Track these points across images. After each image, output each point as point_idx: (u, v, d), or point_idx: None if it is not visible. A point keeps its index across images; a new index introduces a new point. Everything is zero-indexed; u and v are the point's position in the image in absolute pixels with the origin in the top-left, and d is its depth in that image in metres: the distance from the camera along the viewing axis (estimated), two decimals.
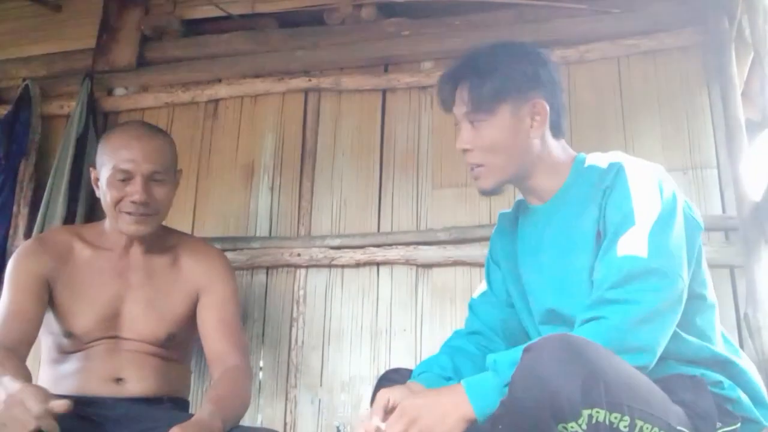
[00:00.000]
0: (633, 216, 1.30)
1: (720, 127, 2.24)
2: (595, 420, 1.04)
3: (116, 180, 1.75)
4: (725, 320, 1.92)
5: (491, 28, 2.53)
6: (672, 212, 1.32)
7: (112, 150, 1.78)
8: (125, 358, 1.78)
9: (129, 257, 1.85)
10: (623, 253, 1.27)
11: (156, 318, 1.82)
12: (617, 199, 1.34)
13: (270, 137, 2.68)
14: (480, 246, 2.28)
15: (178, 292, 1.86)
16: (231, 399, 1.65)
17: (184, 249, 1.93)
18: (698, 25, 2.34)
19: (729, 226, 2.14)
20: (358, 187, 2.55)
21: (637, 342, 1.20)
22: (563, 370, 1.05)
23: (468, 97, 1.45)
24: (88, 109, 2.70)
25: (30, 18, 3.01)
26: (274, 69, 2.72)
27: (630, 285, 1.24)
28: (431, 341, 2.29)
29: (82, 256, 1.83)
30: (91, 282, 1.80)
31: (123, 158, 1.75)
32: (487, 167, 1.45)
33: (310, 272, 2.48)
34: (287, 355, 2.42)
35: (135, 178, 1.75)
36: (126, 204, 1.75)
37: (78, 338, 1.76)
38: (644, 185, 1.34)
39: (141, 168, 1.75)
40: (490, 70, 1.43)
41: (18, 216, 2.62)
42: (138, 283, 1.83)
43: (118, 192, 1.75)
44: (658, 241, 1.27)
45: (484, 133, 1.44)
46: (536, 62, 1.46)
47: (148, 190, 1.76)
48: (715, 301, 1.42)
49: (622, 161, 1.39)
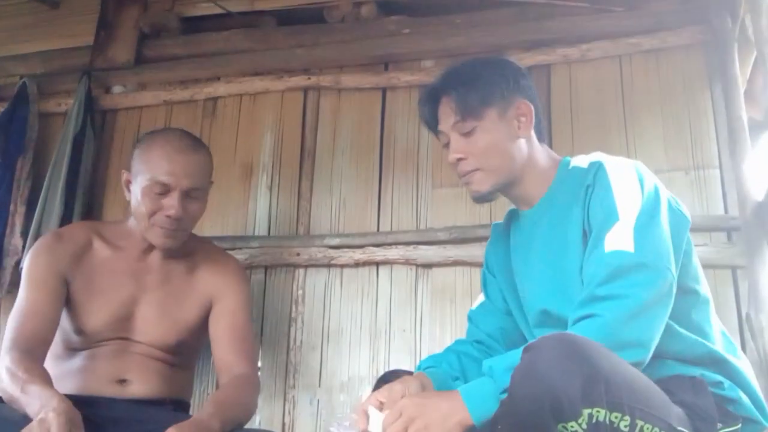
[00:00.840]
0: (616, 211, 1.31)
1: (722, 127, 2.23)
2: (595, 419, 1.03)
3: (153, 192, 1.73)
4: (727, 321, 1.92)
5: (492, 26, 2.52)
6: (655, 205, 1.33)
7: (152, 159, 1.75)
8: (131, 360, 1.78)
9: (147, 260, 1.85)
10: (610, 249, 1.28)
11: (168, 324, 1.82)
12: (599, 195, 1.36)
13: (269, 136, 2.67)
14: (480, 246, 2.26)
15: (191, 299, 1.87)
16: (233, 405, 1.64)
17: (200, 256, 1.93)
18: (701, 24, 2.33)
19: (731, 227, 2.13)
20: (357, 186, 2.53)
21: (630, 337, 1.21)
22: (563, 369, 1.05)
23: (455, 107, 1.48)
24: (86, 107, 2.69)
25: (27, 15, 3.00)
26: (274, 67, 2.70)
27: (619, 280, 1.24)
28: (431, 341, 2.29)
29: (100, 254, 1.82)
30: (107, 282, 1.79)
31: (163, 171, 1.72)
32: (482, 171, 1.48)
33: (309, 272, 2.47)
34: (286, 355, 2.41)
35: (172, 193, 1.73)
36: (160, 218, 1.74)
37: (88, 336, 1.76)
38: (624, 180, 1.36)
39: (180, 183, 1.73)
40: (473, 78, 1.48)
41: (15, 214, 2.61)
42: (154, 287, 1.83)
43: (153, 204, 1.73)
44: (644, 234, 1.28)
45: (475, 138, 1.48)
46: (515, 70, 1.53)
47: (184, 206, 1.74)
48: (709, 296, 1.43)
49: (602, 159, 1.42)
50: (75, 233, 1.85)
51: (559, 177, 1.50)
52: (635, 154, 2.26)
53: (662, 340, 1.29)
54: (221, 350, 1.82)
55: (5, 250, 2.54)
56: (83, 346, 1.77)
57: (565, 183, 1.47)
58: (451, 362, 1.52)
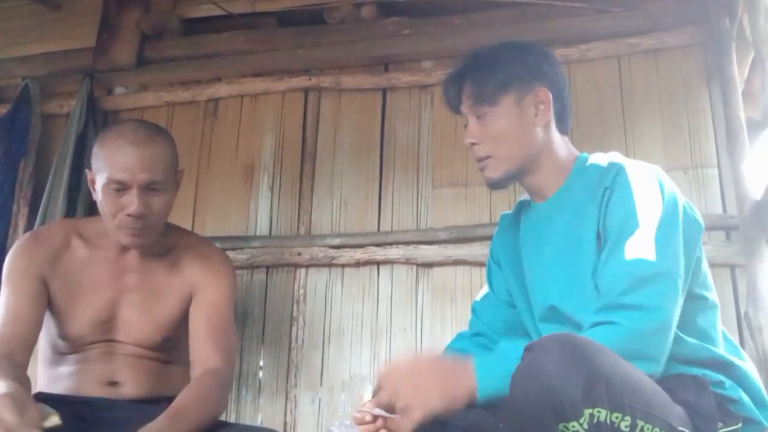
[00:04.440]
0: (636, 217, 1.29)
1: (721, 126, 2.24)
2: (596, 419, 1.03)
3: (111, 190, 1.62)
4: (726, 320, 1.91)
5: (492, 26, 2.53)
6: (674, 213, 1.31)
7: (106, 155, 1.65)
8: (120, 361, 1.73)
9: (126, 259, 1.77)
10: (631, 257, 1.26)
11: (151, 322, 1.75)
12: (619, 199, 1.33)
13: (270, 136, 2.68)
14: (480, 245, 2.27)
15: (174, 295, 1.79)
16: (193, 409, 1.57)
17: (183, 249, 1.84)
18: (699, 25, 2.34)
19: (730, 226, 2.14)
20: (358, 186, 2.54)
21: (652, 351, 1.20)
22: (565, 369, 1.05)
23: (471, 91, 1.46)
24: (88, 109, 2.70)
25: (30, 17, 3.01)
26: (275, 68, 2.71)
27: (643, 290, 1.22)
28: (431, 340, 2.30)
29: (78, 254, 1.75)
30: (86, 284, 1.73)
31: (118, 167, 1.61)
32: (494, 158, 1.46)
33: (310, 271, 2.48)
34: (287, 355, 2.42)
35: (131, 189, 1.61)
36: (122, 217, 1.63)
37: (73, 341, 1.72)
38: (645, 187, 1.33)
39: (137, 178, 1.61)
40: (492, 62, 1.46)
41: (18, 215, 2.62)
42: (134, 286, 1.76)
43: (113, 203, 1.63)
44: (665, 243, 1.27)
45: (489, 124, 1.45)
46: (538, 56, 1.48)
47: (145, 202, 1.62)
48: (717, 302, 1.42)
49: (623, 162, 1.39)
50: (52, 233, 1.78)
51: (575, 171, 1.46)
52: (634, 153, 2.26)
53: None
54: (196, 342, 1.73)
55: (8, 250, 2.54)
56: (70, 350, 1.72)
57: (582, 178, 1.44)
58: None
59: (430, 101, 2.56)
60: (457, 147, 2.45)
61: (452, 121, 2.50)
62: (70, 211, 2.55)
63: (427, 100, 2.57)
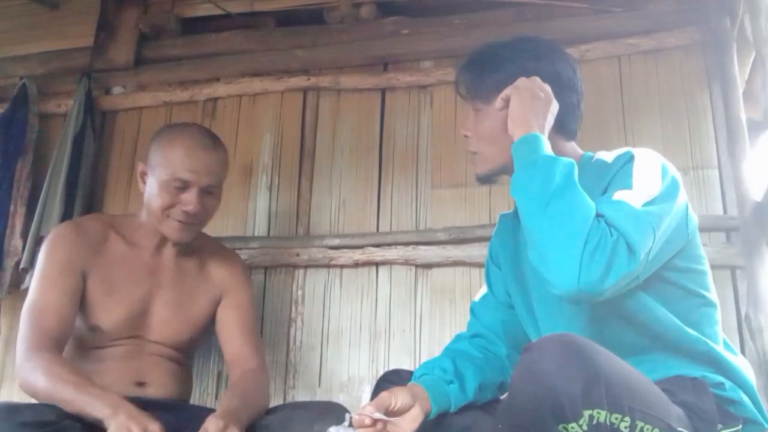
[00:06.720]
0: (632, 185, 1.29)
1: (721, 127, 2.23)
2: (596, 420, 1.03)
3: (172, 187, 1.74)
4: (726, 321, 1.90)
5: (491, 26, 2.52)
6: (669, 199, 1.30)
7: (172, 155, 1.75)
8: (147, 361, 1.77)
9: (161, 257, 1.85)
10: (618, 198, 1.27)
11: (181, 321, 1.82)
12: (619, 175, 1.33)
13: (268, 136, 2.67)
14: (479, 246, 2.27)
15: (203, 295, 1.87)
16: (254, 398, 1.65)
17: (208, 252, 1.95)
18: (699, 25, 2.33)
19: (730, 227, 2.13)
20: (357, 186, 2.53)
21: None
22: (564, 370, 1.04)
23: (470, 84, 1.49)
24: (86, 108, 2.69)
25: (27, 16, 3.00)
26: (273, 68, 2.71)
27: (621, 218, 1.22)
28: (430, 341, 2.29)
29: (116, 249, 1.81)
30: (123, 278, 1.78)
31: (185, 168, 1.74)
32: (479, 155, 1.49)
33: (309, 272, 2.47)
34: (285, 356, 2.41)
35: (191, 189, 1.74)
36: (177, 212, 1.75)
37: (103, 334, 1.74)
38: (648, 168, 1.32)
39: (201, 180, 1.75)
40: (491, 61, 1.46)
41: (15, 215, 2.60)
42: (168, 284, 1.83)
43: (171, 198, 1.74)
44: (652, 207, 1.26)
45: (480, 121, 1.47)
46: (543, 59, 1.45)
47: (201, 202, 1.76)
48: (716, 302, 1.42)
49: (632, 150, 1.38)
50: (93, 225, 1.83)
51: (579, 167, 1.41)
52: None
53: (665, 334, 1.29)
54: (234, 344, 1.83)
55: (5, 251, 2.54)
56: (97, 344, 1.75)
57: (585, 175, 1.40)
58: (445, 367, 1.47)
59: (430, 101, 2.55)
60: (457, 147, 2.44)
61: (451, 122, 2.49)
62: (67, 210, 2.54)
63: (427, 100, 2.56)
